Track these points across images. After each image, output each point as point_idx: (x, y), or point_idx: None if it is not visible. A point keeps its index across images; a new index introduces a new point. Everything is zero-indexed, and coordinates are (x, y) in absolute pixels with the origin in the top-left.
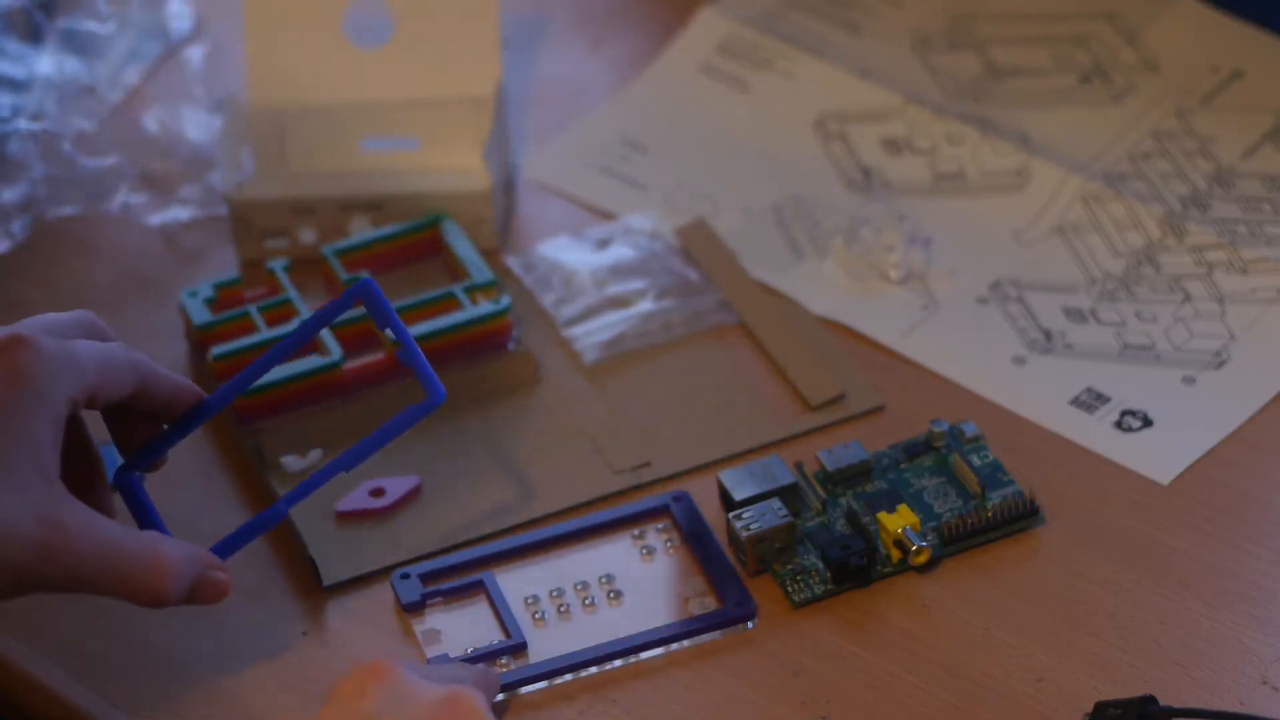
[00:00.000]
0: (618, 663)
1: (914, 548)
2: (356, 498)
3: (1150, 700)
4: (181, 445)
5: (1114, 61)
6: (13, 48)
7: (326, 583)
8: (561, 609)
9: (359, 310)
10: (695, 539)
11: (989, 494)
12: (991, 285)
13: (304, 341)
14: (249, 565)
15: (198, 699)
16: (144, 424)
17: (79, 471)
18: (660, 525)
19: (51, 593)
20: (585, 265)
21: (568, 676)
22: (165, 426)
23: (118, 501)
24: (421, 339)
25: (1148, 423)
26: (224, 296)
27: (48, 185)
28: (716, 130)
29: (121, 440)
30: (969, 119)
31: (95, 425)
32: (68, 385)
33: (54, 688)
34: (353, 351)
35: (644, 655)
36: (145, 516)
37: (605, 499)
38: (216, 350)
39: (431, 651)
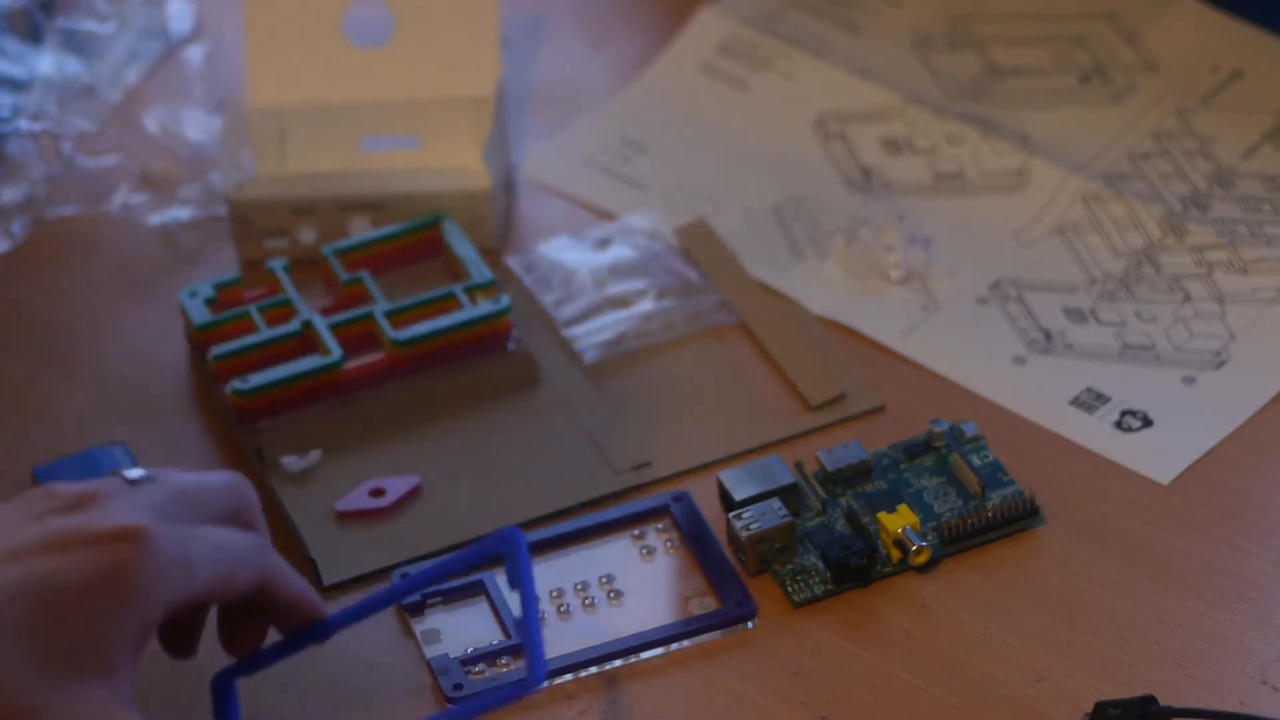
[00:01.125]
0: (618, 663)
1: (914, 548)
2: (356, 497)
3: (1150, 700)
4: (183, 446)
5: (1114, 61)
6: (13, 48)
7: (326, 583)
8: (561, 609)
9: (360, 310)
10: (695, 539)
11: (989, 494)
12: (991, 285)
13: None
14: None
15: (198, 699)
16: (256, 624)
17: (177, 644)
18: (660, 525)
19: None
20: (585, 265)
21: (568, 676)
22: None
23: (204, 699)
24: (422, 339)
25: (1148, 423)
26: (224, 297)
27: (48, 185)
28: (716, 130)
29: (227, 638)
30: (969, 119)
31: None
32: (169, 592)
33: None
34: (353, 351)
35: (644, 655)
36: None
37: (605, 499)
38: (216, 350)
39: (431, 651)
